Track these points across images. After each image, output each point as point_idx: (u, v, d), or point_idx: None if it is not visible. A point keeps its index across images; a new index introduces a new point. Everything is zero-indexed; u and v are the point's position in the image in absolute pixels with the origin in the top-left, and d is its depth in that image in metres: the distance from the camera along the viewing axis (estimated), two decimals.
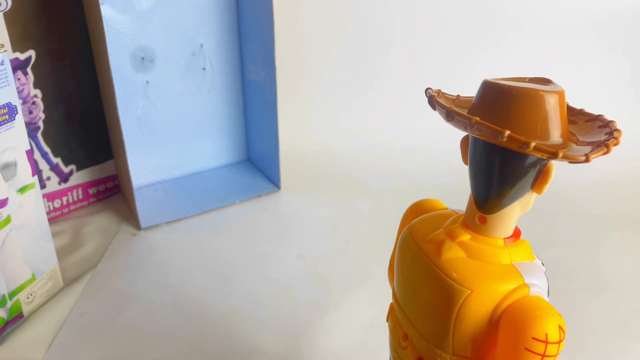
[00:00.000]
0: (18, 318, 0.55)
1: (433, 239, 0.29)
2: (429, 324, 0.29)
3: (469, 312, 0.27)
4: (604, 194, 0.81)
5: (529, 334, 0.25)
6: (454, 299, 0.27)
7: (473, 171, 0.28)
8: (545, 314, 0.25)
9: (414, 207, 0.35)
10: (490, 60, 0.98)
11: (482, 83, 0.27)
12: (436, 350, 0.29)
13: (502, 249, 0.28)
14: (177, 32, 0.76)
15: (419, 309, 0.30)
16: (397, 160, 0.92)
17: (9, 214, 0.51)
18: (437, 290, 0.28)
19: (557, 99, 0.25)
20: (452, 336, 0.28)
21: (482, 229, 0.28)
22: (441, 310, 0.28)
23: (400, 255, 0.32)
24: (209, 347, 0.52)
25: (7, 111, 0.49)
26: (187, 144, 0.84)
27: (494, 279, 0.27)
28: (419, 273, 0.29)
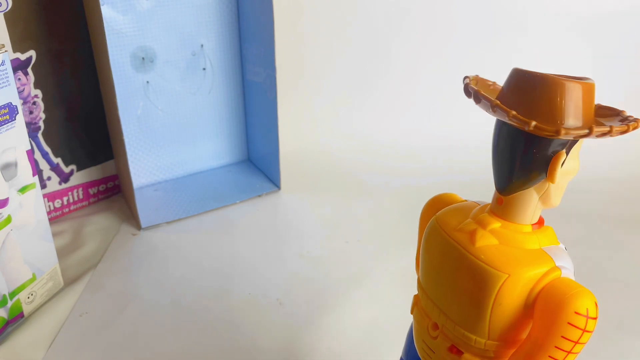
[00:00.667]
0: (18, 318, 0.55)
1: (464, 228, 0.30)
2: (464, 311, 0.30)
3: (506, 296, 0.28)
4: (604, 194, 0.81)
5: (571, 308, 0.26)
6: (492, 284, 0.28)
7: (495, 150, 0.29)
8: (584, 291, 0.27)
9: (433, 201, 0.36)
10: (489, 60, 0.98)
11: (512, 70, 0.28)
12: (471, 336, 0.30)
13: (531, 235, 0.29)
14: (177, 33, 0.76)
15: (452, 297, 0.30)
16: (397, 160, 0.92)
17: (9, 214, 0.51)
18: (473, 277, 0.29)
19: (580, 89, 0.26)
20: (488, 321, 0.29)
21: (503, 212, 0.30)
22: (478, 296, 0.29)
23: (429, 246, 0.32)
24: (209, 347, 0.52)
25: (8, 111, 0.49)
26: (187, 144, 0.84)
27: (528, 263, 0.28)
28: (452, 262, 0.30)
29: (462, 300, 0.30)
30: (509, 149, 0.28)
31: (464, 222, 0.31)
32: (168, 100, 0.80)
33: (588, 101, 0.26)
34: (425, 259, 0.33)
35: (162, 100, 0.79)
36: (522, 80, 0.27)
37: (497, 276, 0.28)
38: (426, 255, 0.33)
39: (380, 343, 0.53)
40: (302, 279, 0.62)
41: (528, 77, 0.26)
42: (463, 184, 0.83)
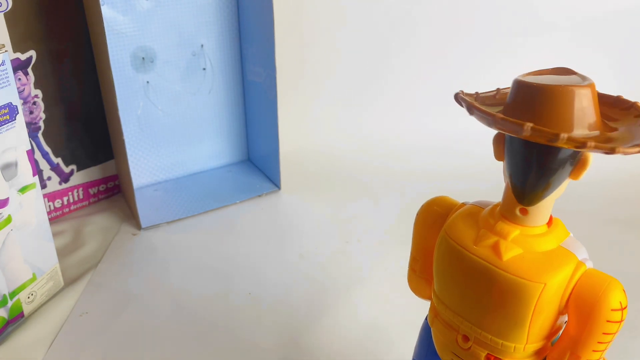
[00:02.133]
0: (19, 318, 0.55)
1: (484, 242, 0.30)
2: (502, 324, 0.30)
3: (546, 303, 0.28)
4: (604, 194, 0.81)
5: (607, 307, 0.27)
6: (530, 296, 0.28)
7: (514, 167, 0.29)
8: (611, 284, 0.28)
9: (427, 207, 0.35)
10: (490, 60, 0.98)
11: (513, 82, 0.28)
12: (510, 344, 0.30)
13: (548, 234, 0.30)
14: (177, 33, 0.76)
15: (485, 312, 0.30)
16: (398, 160, 0.92)
17: (9, 214, 0.51)
18: (508, 291, 0.29)
19: (588, 92, 0.26)
20: (528, 328, 0.29)
21: (524, 220, 0.29)
22: (516, 309, 0.29)
23: (447, 264, 0.32)
24: (209, 346, 0.52)
25: (8, 111, 0.49)
26: (187, 144, 0.84)
27: (558, 266, 0.28)
28: (480, 279, 0.30)
29: (498, 314, 0.30)
30: (541, 166, 0.28)
31: (480, 234, 0.30)
32: (168, 100, 0.80)
33: (595, 102, 0.27)
34: (445, 276, 0.32)
35: (162, 100, 0.79)
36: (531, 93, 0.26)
37: (535, 287, 0.28)
38: (446, 273, 0.32)
39: (380, 343, 0.53)
40: (302, 279, 0.62)
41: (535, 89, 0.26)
42: (463, 184, 0.83)
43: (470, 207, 0.33)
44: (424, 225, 0.35)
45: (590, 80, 0.27)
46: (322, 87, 0.97)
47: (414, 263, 0.37)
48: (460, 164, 0.89)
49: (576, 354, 0.29)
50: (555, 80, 0.27)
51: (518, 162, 0.28)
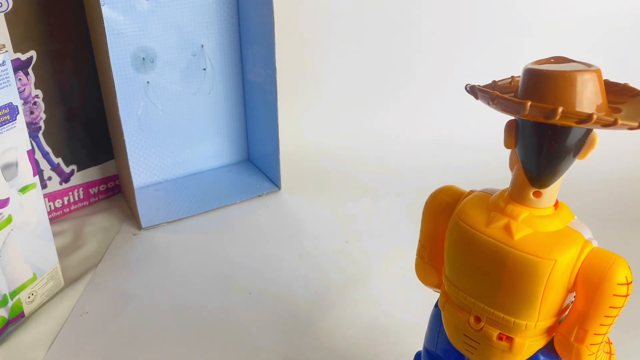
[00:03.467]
0: (19, 317, 0.55)
1: (495, 223, 0.31)
2: (513, 302, 0.31)
3: (556, 279, 0.29)
4: (604, 194, 0.81)
5: (613, 281, 0.29)
6: (542, 273, 0.29)
7: (527, 152, 0.30)
8: (617, 260, 0.29)
9: (436, 195, 0.36)
10: (490, 60, 0.98)
11: (523, 70, 0.29)
12: (522, 322, 0.31)
13: (555, 216, 0.31)
14: (177, 33, 0.77)
15: (497, 291, 0.31)
16: (398, 160, 0.92)
17: (10, 214, 0.51)
18: (521, 269, 0.30)
19: (593, 76, 0.27)
20: (539, 305, 0.30)
21: (535, 202, 0.31)
22: (528, 286, 0.30)
23: (460, 246, 0.32)
24: (209, 346, 0.52)
25: (8, 111, 0.49)
26: (187, 144, 0.84)
27: (567, 244, 0.30)
28: (493, 259, 0.31)
29: (510, 293, 0.31)
30: (561, 145, 0.29)
31: (492, 217, 0.31)
32: (168, 100, 0.80)
33: (601, 88, 0.28)
34: (456, 258, 0.33)
35: (163, 100, 0.79)
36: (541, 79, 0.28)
37: (546, 264, 0.29)
38: (458, 255, 0.33)
39: (380, 343, 0.53)
40: (302, 279, 0.62)
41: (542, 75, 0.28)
42: (463, 183, 0.83)
43: (479, 193, 0.34)
44: (434, 213, 0.36)
45: (595, 67, 0.28)
46: (322, 87, 0.97)
47: (423, 250, 0.37)
48: (461, 163, 0.89)
49: (584, 328, 0.30)
50: (562, 67, 0.28)
51: (531, 147, 0.30)
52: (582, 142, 0.29)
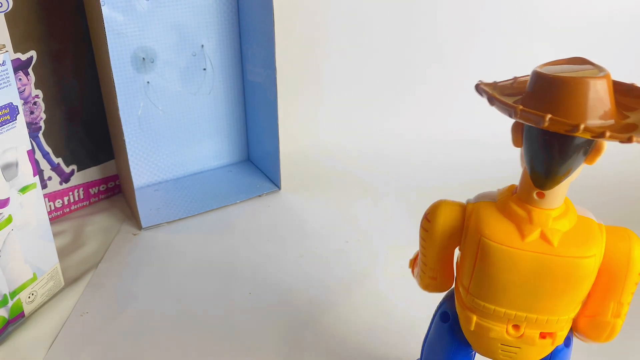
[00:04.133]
0: (19, 317, 0.55)
1: (530, 236, 0.31)
2: (559, 303, 0.32)
3: (595, 271, 0.31)
4: (604, 194, 0.81)
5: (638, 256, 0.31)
6: (587, 270, 0.31)
7: (533, 154, 0.30)
8: (632, 237, 0.32)
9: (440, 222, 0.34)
10: (491, 59, 0.98)
11: (532, 73, 0.29)
12: (563, 317, 0.32)
13: (569, 211, 0.32)
14: (177, 33, 0.77)
15: (541, 297, 0.32)
16: (398, 160, 0.92)
17: (10, 214, 0.51)
18: (567, 272, 0.31)
19: (603, 82, 0.27)
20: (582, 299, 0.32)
21: (540, 203, 0.31)
22: (575, 285, 0.31)
23: (501, 267, 0.32)
24: (209, 346, 0.52)
25: (9, 111, 0.49)
26: (187, 144, 0.84)
27: (593, 236, 0.31)
28: (538, 270, 0.31)
29: (556, 295, 0.31)
30: (558, 153, 0.29)
31: (523, 230, 0.31)
32: (168, 100, 0.80)
33: (611, 92, 0.28)
34: (493, 278, 0.32)
35: (163, 100, 0.79)
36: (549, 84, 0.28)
37: (589, 262, 0.30)
38: (495, 275, 0.32)
39: (380, 343, 0.53)
40: (302, 279, 0.62)
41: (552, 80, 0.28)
42: (463, 182, 0.83)
43: (483, 205, 0.33)
44: (441, 238, 0.35)
45: (605, 71, 0.28)
46: (322, 87, 0.97)
47: (433, 272, 0.37)
48: (461, 164, 0.89)
49: (620, 302, 0.32)
50: (572, 71, 0.28)
51: (536, 149, 0.30)
52: (588, 148, 0.29)
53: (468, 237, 0.33)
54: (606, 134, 0.25)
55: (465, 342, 0.37)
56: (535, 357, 0.34)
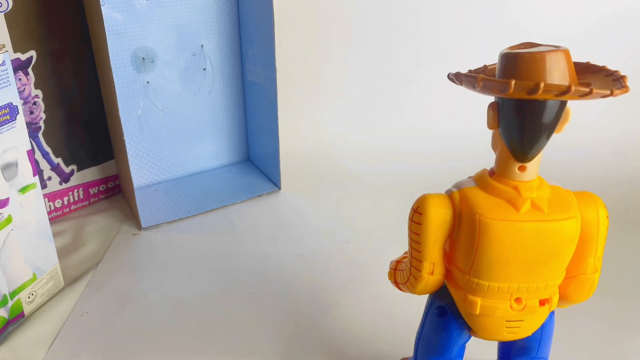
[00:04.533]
0: (19, 317, 0.55)
1: (524, 208, 0.33)
2: (554, 267, 0.34)
3: (579, 230, 0.34)
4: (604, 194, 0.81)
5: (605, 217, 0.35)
6: (576, 229, 0.33)
7: (511, 129, 0.33)
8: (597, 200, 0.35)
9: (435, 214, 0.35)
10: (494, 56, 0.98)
11: (499, 55, 0.32)
12: (558, 281, 0.35)
13: (542, 180, 0.34)
14: (177, 33, 0.77)
15: (541, 264, 0.34)
16: (398, 160, 0.92)
17: (10, 214, 0.51)
18: (561, 234, 0.33)
19: (560, 55, 0.30)
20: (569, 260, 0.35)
21: (522, 176, 0.33)
22: (568, 246, 0.34)
23: (502, 242, 0.33)
24: (209, 346, 0.52)
25: (8, 111, 0.49)
26: (187, 144, 0.84)
27: (569, 199, 0.34)
28: (536, 237, 0.33)
29: (553, 260, 0.34)
30: (541, 120, 0.31)
31: (515, 203, 0.33)
32: (168, 100, 0.80)
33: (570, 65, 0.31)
34: (494, 255, 0.34)
35: (163, 100, 0.79)
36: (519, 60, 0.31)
37: (576, 221, 0.33)
38: (497, 252, 0.33)
39: (380, 343, 0.53)
40: (302, 279, 0.62)
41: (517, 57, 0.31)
42: None
43: (469, 190, 0.35)
44: (435, 229, 0.35)
45: (563, 47, 0.31)
46: (322, 87, 0.97)
47: (431, 267, 0.37)
48: (462, 163, 0.89)
49: (598, 256, 0.35)
50: (534, 49, 0.31)
51: (513, 124, 0.32)
52: (558, 116, 0.31)
53: (463, 222, 0.34)
54: (572, 88, 0.28)
55: (464, 334, 0.38)
56: (535, 326, 0.37)
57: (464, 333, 0.38)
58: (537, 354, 0.39)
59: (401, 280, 0.40)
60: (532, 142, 0.32)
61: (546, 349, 0.39)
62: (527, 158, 0.33)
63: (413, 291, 0.38)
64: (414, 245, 0.37)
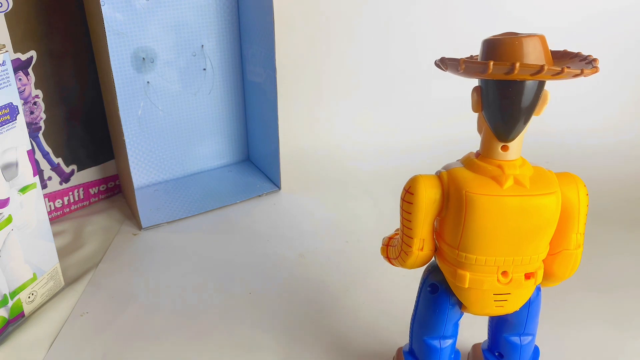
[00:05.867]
0: (19, 317, 0.55)
1: (507, 184, 0.35)
2: (537, 240, 0.36)
3: (559, 206, 0.36)
4: (604, 194, 0.81)
5: (585, 195, 0.37)
6: (556, 204, 0.35)
7: (493, 110, 0.35)
8: (578, 180, 0.37)
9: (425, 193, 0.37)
10: None
11: (482, 42, 0.35)
12: (543, 254, 0.37)
13: (525, 160, 0.36)
14: (178, 33, 0.77)
15: (525, 238, 0.35)
16: (398, 160, 0.92)
17: (10, 214, 0.51)
18: (543, 209, 0.35)
19: (536, 40, 0.33)
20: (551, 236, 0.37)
21: (505, 155, 0.36)
22: (550, 220, 0.35)
23: (488, 215, 0.35)
24: (209, 346, 0.52)
25: (9, 111, 0.49)
26: (187, 144, 0.84)
27: (549, 177, 0.36)
28: (519, 211, 0.35)
29: (536, 233, 0.35)
30: (520, 102, 0.34)
31: (499, 180, 0.35)
32: (168, 100, 0.80)
33: (545, 49, 0.33)
34: (481, 229, 0.35)
35: (163, 100, 0.79)
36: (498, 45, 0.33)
37: (556, 196, 0.35)
38: (483, 226, 0.35)
39: (380, 343, 0.53)
40: (302, 279, 0.62)
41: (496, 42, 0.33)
42: None
43: (456, 170, 0.37)
44: (426, 207, 0.38)
45: (539, 34, 0.33)
46: (322, 87, 0.97)
47: (421, 243, 0.39)
48: None
49: (581, 232, 0.37)
50: (512, 35, 0.33)
51: (496, 105, 0.34)
52: (536, 97, 0.34)
53: (451, 200, 0.36)
54: (544, 68, 0.30)
55: (455, 310, 0.40)
56: (522, 301, 0.38)
57: (455, 309, 0.40)
58: (525, 330, 0.41)
59: (393, 256, 0.42)
60: (513, 122, 0.34)
61: (533, 325, 0.41)
62: (509, 138, 0.35)
63: (403, 265, 0.41)
64: (405, 223, 0.39)
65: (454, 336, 0.41)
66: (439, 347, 0.41)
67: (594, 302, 0.58)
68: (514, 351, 0.42)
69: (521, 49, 0.32)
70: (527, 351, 0.42)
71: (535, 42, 0.33)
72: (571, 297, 0.59)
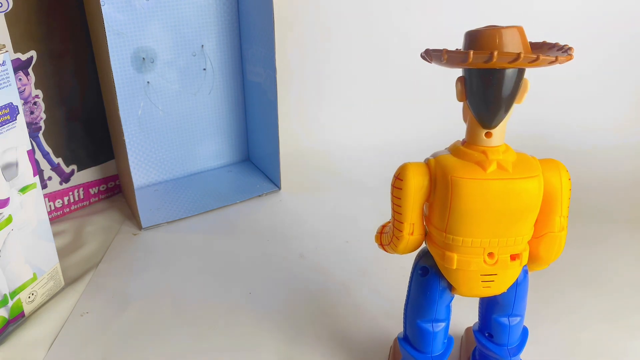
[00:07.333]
0: (19, 317, 0.55)
1: (490, 168, 0.36)
2: (521, 222, 0.37)
3: (541, 189, 0.37)
4: (604, 194, 0.81)
5: (568, 179, 0.38)
6: (538, 187, 0.37)
7: (476, 99, 0.36)
8: (560, 165, 0.38)
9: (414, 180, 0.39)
10: None
11: (464, 34, 0.36)
12: (527, 236, 0.38)
13: (509, 147, 0.38)
14: (178, 33, 0.77)
15: (510, 219, 0.37)
16: (398, 160, 0.92)
17: (10, 214, 0.51)
18: (525, 192, 0.36)
19: (514, 31, 0.34)
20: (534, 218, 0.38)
21: (490, 142, 0.37)
22: (533, 202, 0.37)
23: (472, 198, 0.36)
24: (209, 346, 0.52)
25: (9, 111, 0.49)
26: (187, 144, 0.84)
27: (532, 162, 0.37)
28: (502, 194, 0.36)
29: (520, 216, 0.37)
30: (502, 90, 0.35)
31: (483, 164, 0.36)
32: (168, 100, 0.80)
33: (524, 39, 0.35)
34: (466, 212, 0.37)
35: (163, 100, 0.79)
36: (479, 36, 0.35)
37: (538, 180, 0.36)
38: (468, 208, 0.37)
39: (381, 343, 0.53)
40: (302, 279, 0.62)
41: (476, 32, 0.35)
42: None
43: (444, 156, 0.39)
44: (415, 192, 0.39)
45: (518, 25, 0.35)
46: (322, 87, 0.97)
47: (411, 228, 0.40)
48: None
49: (564, 215, 0.39)
50: (492, 27, 0.35)
51: (479, 94, 0.36)
52: (517, 85, 0.35)
53: (438, 185, 0.38)
54: (521, 55, 0.31)
55: (446, 293, 0.41)
56: (508, 282, 0.39)
57: (446, 292, 0.41)
58: (513, 311, 0.42)
59: (385, 242, 0.44)
60: (495, 110, 0.36)
61: (521, 306, 0.43)
62: (492, 125, 0.36)
63: (396, 250, 0.42)
64: (395, 209, 0.40)
65: (446, 319, 0.42)
66: (432, 330, 0.42)
67: (594, 302, 0.58)
68: (502, 331, 0.43)
69: (500, 39, 0.34)
70: (516, 331, 0.43)
71: (514, 33, 0.34)
72: (571, 297, 0.59)
